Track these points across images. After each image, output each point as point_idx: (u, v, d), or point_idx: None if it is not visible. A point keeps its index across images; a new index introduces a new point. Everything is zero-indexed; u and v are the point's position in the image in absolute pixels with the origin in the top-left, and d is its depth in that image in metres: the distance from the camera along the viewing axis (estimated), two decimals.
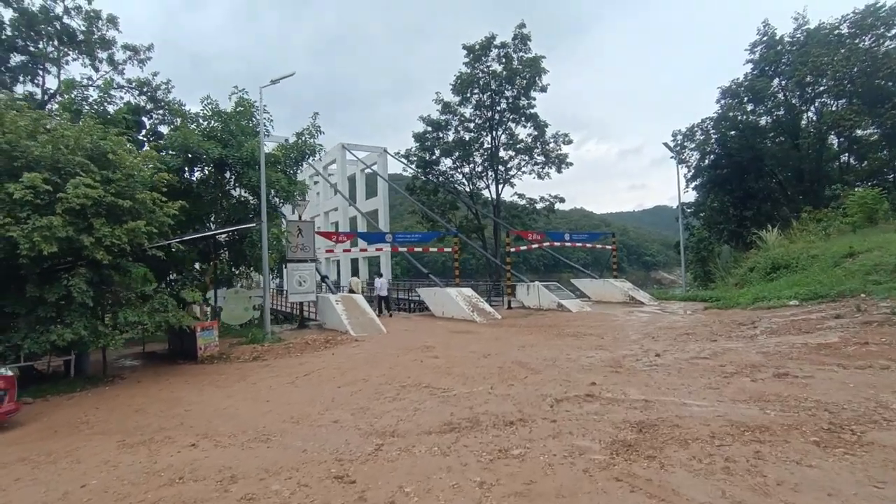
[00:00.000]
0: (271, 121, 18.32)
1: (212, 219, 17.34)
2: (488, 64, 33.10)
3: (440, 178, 36.47)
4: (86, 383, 9.75)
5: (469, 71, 33.29)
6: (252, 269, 19.10)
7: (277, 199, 18.10)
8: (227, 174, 16.85)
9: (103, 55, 22.59)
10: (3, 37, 21.33)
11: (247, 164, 15.84)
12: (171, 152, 15.60)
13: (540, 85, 33.15)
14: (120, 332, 9.53)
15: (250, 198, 17.58)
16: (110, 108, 18.16)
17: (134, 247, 9.92)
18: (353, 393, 7.26)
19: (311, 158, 18.36)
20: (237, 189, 17.71)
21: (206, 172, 16.60)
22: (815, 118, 30.86)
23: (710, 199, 35.27)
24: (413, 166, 36.69)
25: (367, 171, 44.04)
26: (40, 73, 22.51)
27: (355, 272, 48.24)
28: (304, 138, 18.07)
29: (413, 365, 9.08)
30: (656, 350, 8.53)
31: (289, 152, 17.84)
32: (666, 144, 27.53)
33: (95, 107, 16.76)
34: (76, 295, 8.77)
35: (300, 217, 17.78)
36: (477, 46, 32.33)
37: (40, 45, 21.62)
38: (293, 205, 17.78)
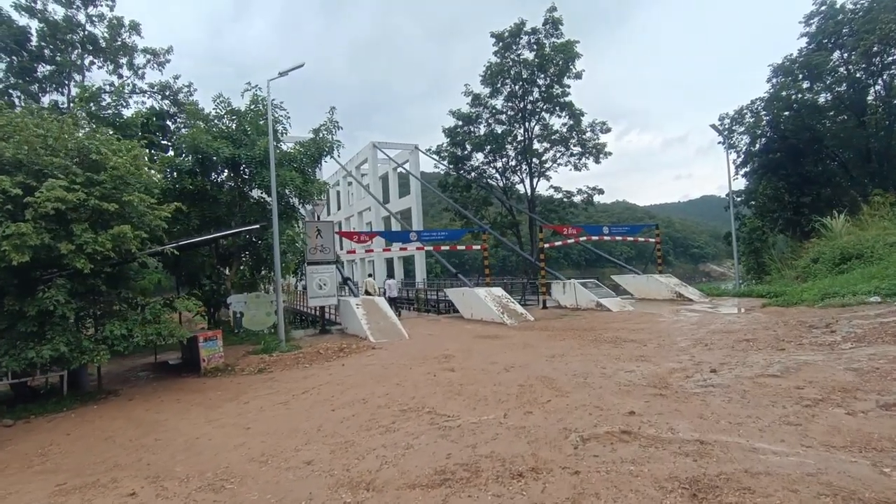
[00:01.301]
0: (288, 118, 17.53)
1: (231, 223, 16.69)
2: (519, 52, 31.59)
3: (472, 174, 35.16)
4: (76, 401, 9.02)
5: (499, 60, 31.86)
6: (273, 272, 18.41)
7: (295, 199, 17.33)
8: (244, 175, 16.14)
9: (123, 60, 22.42)
10: (30, 47, 21.39)
11: (260, 163, 15.06)
12: (182, 155, 15.00)
13: (574, 71, 31.39)
14: (108, 346, 8.75)
15: (268, 198, 16.84)
16: (127, 112, 17.78)
17: (122, 254, 9.12)
18: (345, 419, 6.17)
19: (329, 156, 17.44)
20: (255, 190, 17.04)
21: (221, 174, 15.92)
22: (883, 92, 28.04)
23: (762, 185, 32.73)
24: (445, 162, 35.53)
25: (400, 169, 43.21)
26: (66, 82, 22.53)
27: (390, 272, 47.61)
28: (321, 135, 17.19)
29: (424, 380, 7.93)
30: (711, 363, 7.08)
31: (306, 149, 16.99)
32: (714, 126, 25.45)
33: (109, 111, 16.33)
34: (54, 308, 8.02)
35: (318, 217, 16.94)
36: (506, 34, 30.88)
37: (65, 55, 21.58)
38: (311, 204, 16.95)
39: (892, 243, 15.00)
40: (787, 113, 29.92)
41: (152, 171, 14.15)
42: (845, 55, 28.69)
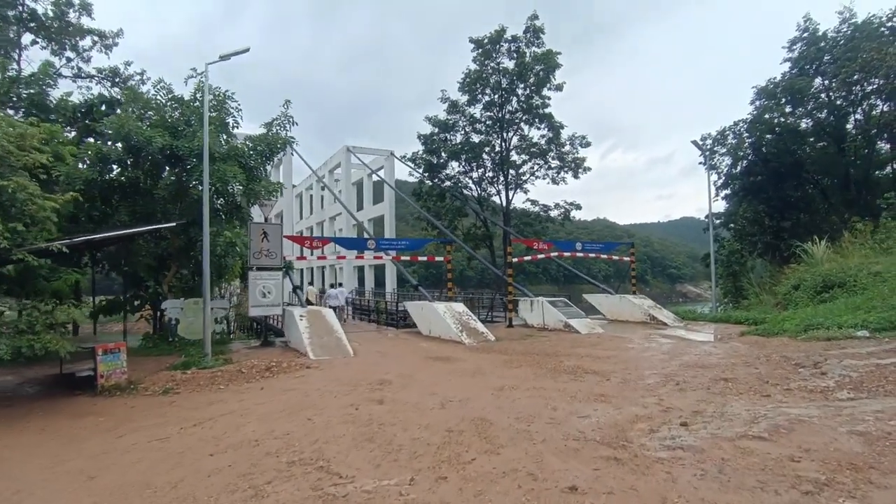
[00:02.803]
0: (239, 110, 16.11)
1: (167, 220, 15.11)
2: (499, 60, 30.63)
3: (447, 183, 33.95)
4: None
5: (478, 67, 30.84)
6: (218, 277, 16.85)
7: (242, 199, 15.89)
8: (186, 168, 14.61)
9: (72, 43, 20.75)
10: None
11: (200, 156, 13.55)
12: (110, 144, 13.48)
13: (555, 83, 30.51)
14: None
15: (214, 197, 15.34)
16: (58, 96, 16.18)
17: None
18: (216, 472, 4.78)
19: (281, 153, 16.03)
20: (199, 186, 15.55)
21: (160, 167, 14.39)
22: (862, 120, 27.64)
23: (742, 208, 32.12)
24: (420, 170, 34.29)
25: (373, 175, 41.83)
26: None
27: (361, 281, 46.03)
28: (273, 130, 15.80)
29: (340, 416, 6.55)
30: (681, 411, 5.83)
31: (255, 145, 15.56)
32: (695, 143, 24.69)
33: (31, 91, 14.71)
34: None
35: (266, 219, 15.51)
36: (486, 40, 29.89)
37: (3, 30, 19.87)
38: (258, 205, 15.50)
39: (876, 273, 14.09)
40: (769, 136, 29.42)
41: (71, 158, 12.69)
42: (826, 82, 28.28)
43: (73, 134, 16.64)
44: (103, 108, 17.33)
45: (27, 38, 20.74)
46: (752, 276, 26.77)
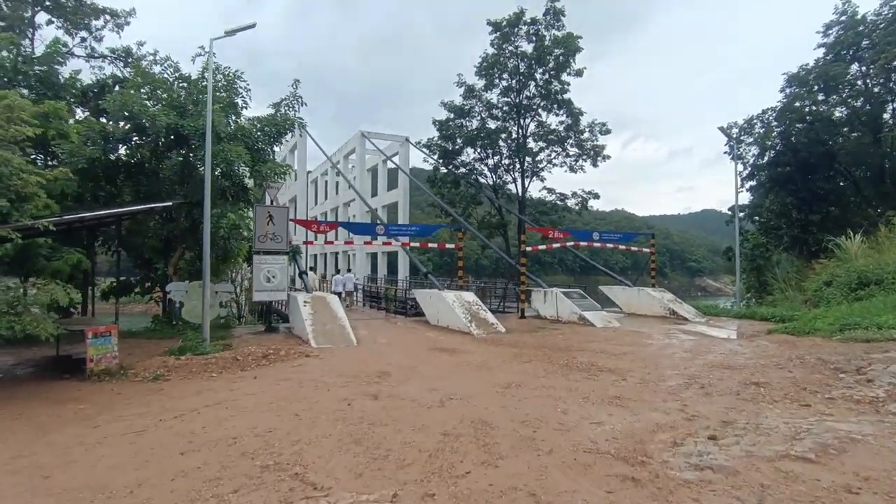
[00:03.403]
0: (248, 90, 15.63)
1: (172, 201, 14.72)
2: (517, 44, 29.66)
3: (462, 170, 33.16)
4: None
5: (495, 51, 29.91)
6: (221, 259, 16.49)
7: (250, 181, 15.44)
8: (192, 147, 14.17)
9: (90, 22, 20.36)
10: None
11: (204, 137, 13.07)
12: (114, 122, 13.05)
13: (574, 68, 29.47)
14: None
15: (220, 178, 14.89)
16: (67, 73, 15.79)
17: None
18: (181, 474, 4.28)
19: (290, 134, 15.50)
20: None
21: (167, 146, 13.95)
22: None
23: (768, 200, 30.87)
24: (434, 157, 33.56)
25: (388, 161, 41.23)
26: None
27: (374, 267, 45.66)
28: (281, 111, 15.27)
29: (330, 412, 6.03)
30: (709, 420, 5.17)
31: (263, 126, 15.05)
32: (722, 129, 23.68)
33: (38, 69, 14.33)
34: None
35: (272, 201, 15.04)
36: (504, 23, 28.92)
37: (17, 11, 19.54)
38: (265, 187, 15.02)
39: None
40: (799, 125, 28.08)
41: (76, 136, 12.30)
42: (863, 68, 26.87)
43: (86, 114, 16.31)
44: (117, 88, 16.99)
45: (42, 17, 20.46)
46: (777, 270, 25.73)
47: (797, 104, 27.82)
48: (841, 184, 29.87)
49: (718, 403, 5.80)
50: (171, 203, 11.73)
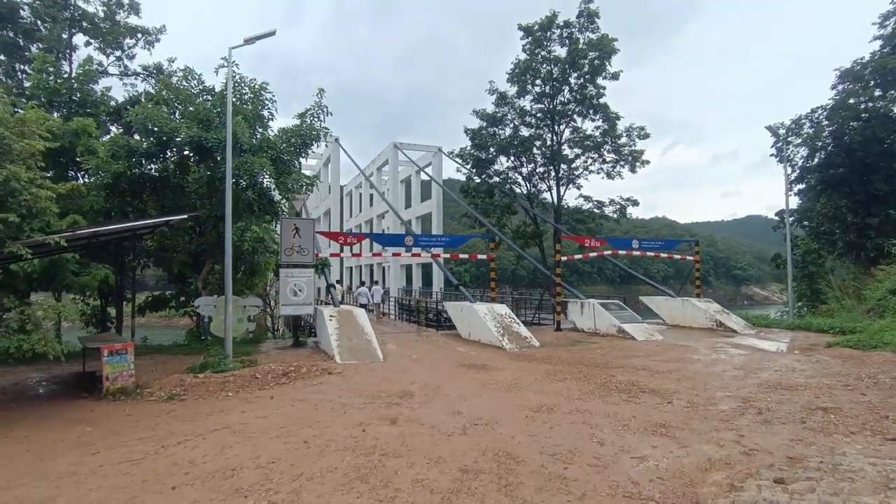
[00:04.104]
0: (273, 101, 15.51)
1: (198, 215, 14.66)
2: (550, 48, 29.02)
3: (496, 179, 32.56)
4: None
5: (527, 57, 29.34)
6: (249, 273, 16.37)
7: (276, 193, 15.27)
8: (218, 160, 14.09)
9: (124, 42, 20.87)
10: (22, 22, 20.07)
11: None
12: (135, 135, 13.07)
13: (610, 71, 28.59)
14: None
15: (248, 190, 14.75)
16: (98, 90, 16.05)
17: None
18: None
19: (315, 144, 15.26)
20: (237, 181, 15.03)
21: (183, 158, 13.91)
22: None
23: (820, 203, 29.09)
24: (468, 166, 33.11)
25: (422, 172, 41.01)
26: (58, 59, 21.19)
27: (409, 279, 45.40)
28: (307, 121, 15.07)
29: (342, 439, 5.53)
30: (772, 456, 4.42)
31: (289, 136, 14.88)
32: (769, 128, 22.48)
33: (70, 87, 14.56)
34: None
35: (298, 213, 14.81)
36: (536, 27, 28.36)
37: (53, 32, 20.18)
38: (291, 199, 14.80)
39: None
40: (854, 123, 26.42)
41: (103, 152, 12.34)
42: None
43: (120, 131, 16.57)
44: (150, 105, 17.24)
45: (80, 38, 21.08)
46: (831, 278, 24.11)
47: (851, 101, 26.22)
48: None
49: (781, 434, 5.02)
50: (185, 216, 11.50)
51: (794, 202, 31.23)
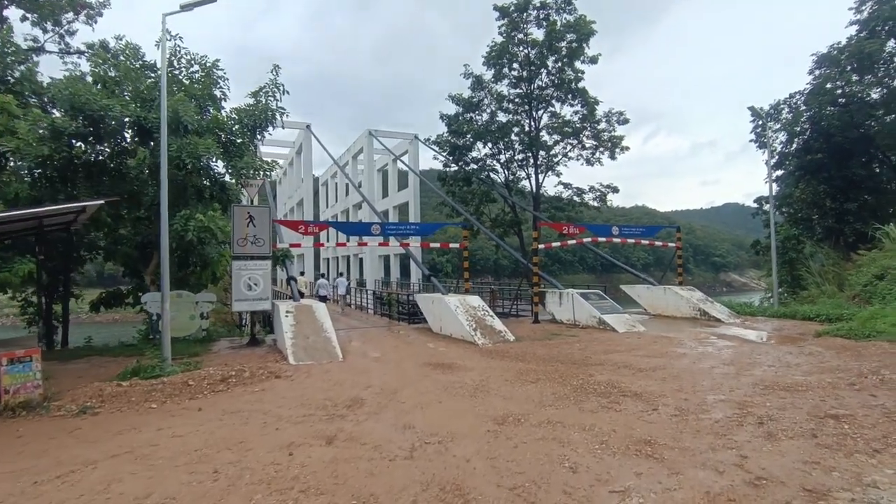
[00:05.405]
0: (226, 79, 14.32)
1: (141, 203, 13.36)
2: (527, 31, 27.94)
3: (473, 167, 31.48)
4: None
5: (504, 40, 28.22)
6: (201, 267, 15.17)
7: (231, 179, 14.09)
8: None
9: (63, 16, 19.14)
10: None
11: (168, 129, 11.64)
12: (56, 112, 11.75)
13: (588, 55, 27.62)
14: None
15: (193, 176, 13.48)
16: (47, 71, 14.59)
17: None
18: None
19: (271, 126, 14.07)
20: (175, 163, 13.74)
21: (118, 140, 12.62)
22: None
23: (799, 189, 28.77)
24: (444, 153, 31.95)
25: (397, 160, 39.78)
26: None
27: (387, 270, 44.32)
28: (261, 100, 13.87)
29: (257, 471, 4.51)
30: (787, 492, 3.49)
31: (241, 117, 13.68)
32: (752, 108, 21.83)
33: None
34: None
35: (251, 201, 13.65)
36: (511, 8, 27.22)
37: None
38: (242, 185, 13.61)
39: None
40: (831, 108, 26.03)
41: (26, 132, 11.01)
42: None
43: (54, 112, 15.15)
44: (98, 86, 15.80)
45: (16, 13, 19.33)
46: (811, 263, 23.74)
47: (828, 86, 25.85)
48: (878, 170, 27.73)
49: (791, 454, 4.13)
50: (102, 202, 10.11)
51: (774, 188, 30.89)
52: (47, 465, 4.99)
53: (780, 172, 29.89)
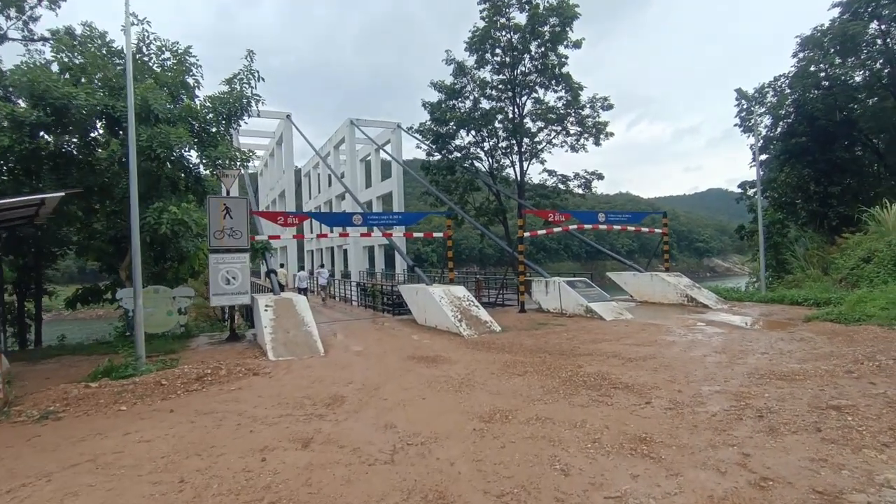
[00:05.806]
0: (198, 66, 13.78)
1: (111, 195, 12.79)
2: (509, 15, 27.48)
3: (456, 155, 31.06)
4: None
5: (486, 24, 27.74)
6: (177, 261, 14.69)
7: (206, 170, 13.60)
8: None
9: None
10: None
11: (138, 118, 11.09)
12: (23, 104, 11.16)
13: (572, 39, 27.27)
14: None
15: (164, 166, 12.92)
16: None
17: None
18: None
19: (245, 114, 13.56)
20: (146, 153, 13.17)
21: (85, 130, 12.05)
22: None
23: (783, 173, 28.83)
24: (428, 142, 31.48)
25: (380, 149, 39.17)
26: None
27: (372, 261, 43.91)
28: (235, 87, 13.35)
29: (226, 479, 4.18)
30: (797, 495, 3.25)
31: (215, 105, 13.15)
32: (739, 91, 21.66)
33: None
34: None
35: (228, 192, 13.16)
36: None
37: None
38: (218, 176, 13.11)
39: None
40: (815, 91, 26.04)
41: None
42: (883, 27, 24.76)
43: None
44: (66, 76, 15.09)
45: None
46: (796, 247, 23.82)
47: (812, 68, 25.82)
48: (861, 153, 27.88)
49: (796, 450, 3.90)
50: (63, 193, 9.53)
51: (758, 172, 30.96)
52: None
53: (764, 157, 29.97)
